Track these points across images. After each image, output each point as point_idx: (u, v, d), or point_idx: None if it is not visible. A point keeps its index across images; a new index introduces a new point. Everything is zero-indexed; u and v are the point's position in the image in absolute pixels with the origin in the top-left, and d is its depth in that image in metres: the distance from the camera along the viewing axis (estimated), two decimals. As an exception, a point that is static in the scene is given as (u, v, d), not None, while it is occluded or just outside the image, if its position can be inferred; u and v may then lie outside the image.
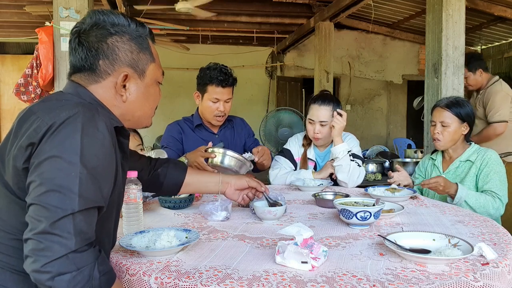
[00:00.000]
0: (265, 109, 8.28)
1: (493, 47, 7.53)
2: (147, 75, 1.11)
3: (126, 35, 1.07)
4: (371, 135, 8.69)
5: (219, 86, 2.29)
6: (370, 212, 1.38)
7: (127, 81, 1.07)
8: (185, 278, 0.98)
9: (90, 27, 1.05)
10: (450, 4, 3.03)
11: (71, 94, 1.04)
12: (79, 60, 1.05)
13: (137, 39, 1.09)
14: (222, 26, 6.72)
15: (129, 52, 1.07)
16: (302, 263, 1.04)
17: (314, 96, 2.42)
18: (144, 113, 1.15)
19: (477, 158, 2.15)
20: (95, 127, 0.93)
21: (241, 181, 1.58)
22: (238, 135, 2.55)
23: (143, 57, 1.10)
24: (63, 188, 0.86)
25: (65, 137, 0.90)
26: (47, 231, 0.84)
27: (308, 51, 8.14)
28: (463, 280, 0.97)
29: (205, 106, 2.35)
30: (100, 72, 1.05)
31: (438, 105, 2.25)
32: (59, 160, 0.88)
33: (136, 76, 1.09)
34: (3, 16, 5.96)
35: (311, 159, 2.40)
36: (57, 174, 0.87)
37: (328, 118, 2.29)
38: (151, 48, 1.13)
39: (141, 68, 1.09)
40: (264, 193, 1.59)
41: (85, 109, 0.95)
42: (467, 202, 1.98)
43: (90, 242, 0.89)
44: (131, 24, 1.08)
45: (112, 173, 0.99)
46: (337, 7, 5.12)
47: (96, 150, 0.92)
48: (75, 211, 0.86)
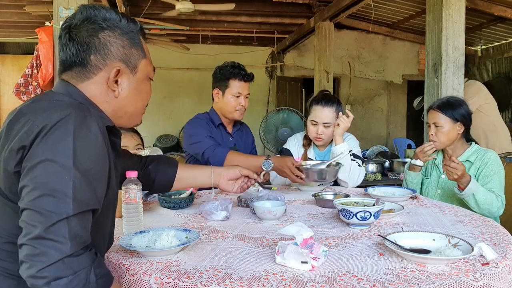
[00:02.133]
0: (265, 109, 8.28)
1: (493, 47, 7.53)
2: (139, 71, 1.10)
3: (117, 30, 1.05)
4: (371, 135, 8.69)
5: (241, 81, 2.34)
6: (370, 212, 1.38)
7: (119, 76, 1.06)
8: (185, 278, 0.98)
9: (81, 22, 1.03)
10: (450, 4, 3.03)
11: (62, 94, 1.02)
12: (70, 56, 1.03)
13: (129, 34, 1.07)
14: (222, 26, 6.72)
15: (121, 47, 1.05)
16: (302, 263, 1.04)
17: (315, 97, 2.40)
18: (136, 109, 1.13)
19: (477, 159, 2.15)
20: (88, 129, 0.92)
21: (233, 171, 1.58)
22: (247, 141, 2.59)
23: (135, 52, 1.08)
24: (57, 192, 0.85)
25: (57, 139, 0.88)
26: (41, 236, 0.83)
27: (308, 51, 8.14)
28: (463, 280, 0.97)
29: (227, 102, 2.37)
30: (91, 67, 1.03)
31: (431, 107, 2.27)
32: (52, 163, 0.86)
33: (128, 71, 1.07)
34: (3, 16, 5.96)
35: (310, 159, 2.40)
36: (50, 178, 0.86)
37: (331, 119, 2.29)
38: (143, 44, 1.12)
39: (133, 63, 1.08)
40: (257, 180, 1.60)
41: (77, 111, 0.93)
42: (474, 195, 1.97)
43: (86, 246, 0.89)
44: (123, 20, 1.07)
45: (106, 174, 0.98)
46: (337, 7, 5.12)
47: (89, 152, 0.91)
48: (69, 215, 0.85)
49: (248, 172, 1.59)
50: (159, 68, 8.20)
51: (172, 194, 1.85)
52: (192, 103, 8.19)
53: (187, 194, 1.84)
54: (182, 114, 8.04)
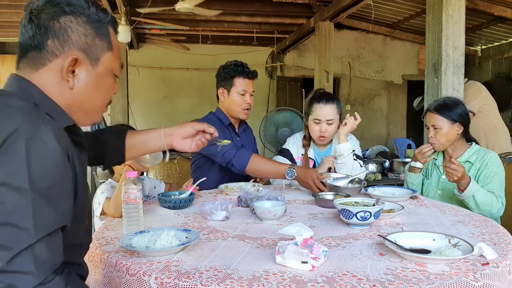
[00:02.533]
0: (265, 109, 8.29)
1: (493, 47, 7.53)
2: (101, 63, 1.01)
3: (82, 17, 0.98)
4: (371, 135, 8.69)
5: (246, 78, 2.35)
6: (370, 212, 1.38)
7: (76, 66, 0.97)
8: (185, 278, 0.98)
9: (44, 4, 0.96)
10: (450, 4, 3.03)
11: (13, 94, 0.92)
12: (27, 39, 0.95)
13: (95, 23, 1.00)
14: (222, 26, 6.72)
15: (83, 35, 0.97)
16: (302, 263, 1.04)
17: (314, 96, 2.40)
18: (92, 106, 1.04)
19: (477, 160, 2.15)
20: (42, 142, 0.83)
21: (185, 129, 1.45)
22: (251, 141, 2.60)
23: (99, 43, 1.00)
24: (15, 220, 0.77)
25: (8, 159, 0.79)
26: (4, 270, 0.76)
27: (308, 51, 8.15)
28: (463, 280, 0.97)
29: (233, 100, 2.37)
30: (47, 53, 0.95)
31: (429, 109, 2.27)
32: (5, 188, 0.77)
33: (88, 63, 0.99)
34: (3, 16, 5.95)
35: (311, 158, 2.40)
36: (5, 205, 0.77)
37: (334, 116, 2.30)
38: (111, 37, 1.04)
39: (94, 54, 1.00)
40: (212, 135, 1.48)
41: (27, 122, 0.83)
42: (474, 197, 1.97)
43: (57, 269, 0.82)
44: (91, 7, 0.99)
45: (70, 185, 0.90)
46: (337, 7, 5.12)
47: (47, 167, 0.82)
48: (32, 242, 0.77)
49: (202, 126, 1.46)
50: (159, 68, 8.22)
51: (172, 194, 1.86)
52: (192, 103, 8.20)
53: (187, 194, 1.84)
54: (182, 114, 8.04)
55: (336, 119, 2.32)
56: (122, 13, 5.06)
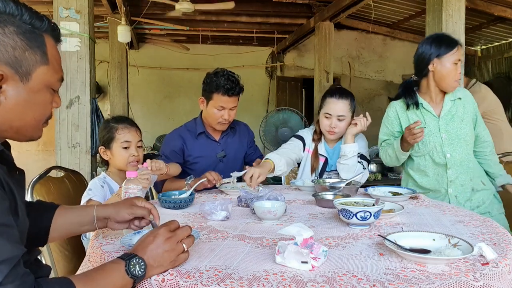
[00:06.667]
0: (265, 109, 8.28)
1: (493, 47, 7.53)
2: (34, 79, 0.90)
3: (11, 27, 0.87)
4: (371, 135, 8.59)
5: (225, 95, 2.26)
6: (370, 212, 1.38)
7: (3, 83, 0.87)
8: (185, 278, 0.98)
9: None
10: (450, 4, 3.03)
11: None
12: None
13: (27, 34, 0.89)
14: (222, 26, 6.72)
15: (11, 48, 0.87)
16: (302, 263, 1.04)
17: (329, 90, 2.38)
18: (25, 124, 0.93)
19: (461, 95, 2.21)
20: None
21: (122, 215, 1.22)
22: (241, 143, 2.53)
23: (30, 56, 0.89)
24: None
25: None
26: None
27: (308, 51, 8.15)
28: (463, 280, 0.97)
29: (210, 113, 2.34)
30: None
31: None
32: None
33: (17, 78, 0.88)
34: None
35: (321, 155, 2.37)
36: None
37: (346, 112, 2.27)
38: (47, 48, 0.93)
39: (25, 69, 0.89)
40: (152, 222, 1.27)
41: None
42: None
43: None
44: (24, 14, 0.89)
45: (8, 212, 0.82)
46: (337, 7, 5.13)
47: None
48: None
49: (142, 212, 1.23)
50: (159, 68, 8.22)
51: (172, 194, 1.86)
52: (192, 103, 8.17)
53: (187, 194, 1.84)
54: (182, 114, 8.03)
55: (348, 116, 2.28)
56: (122, 13, 5.06)
